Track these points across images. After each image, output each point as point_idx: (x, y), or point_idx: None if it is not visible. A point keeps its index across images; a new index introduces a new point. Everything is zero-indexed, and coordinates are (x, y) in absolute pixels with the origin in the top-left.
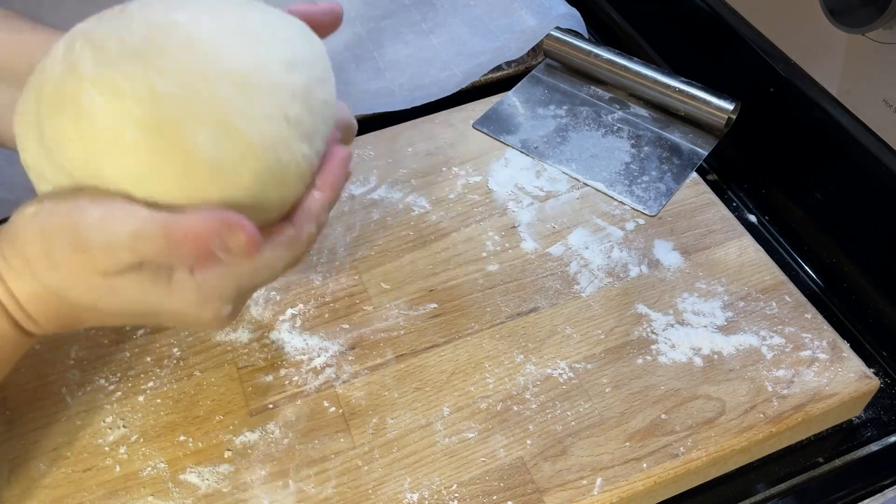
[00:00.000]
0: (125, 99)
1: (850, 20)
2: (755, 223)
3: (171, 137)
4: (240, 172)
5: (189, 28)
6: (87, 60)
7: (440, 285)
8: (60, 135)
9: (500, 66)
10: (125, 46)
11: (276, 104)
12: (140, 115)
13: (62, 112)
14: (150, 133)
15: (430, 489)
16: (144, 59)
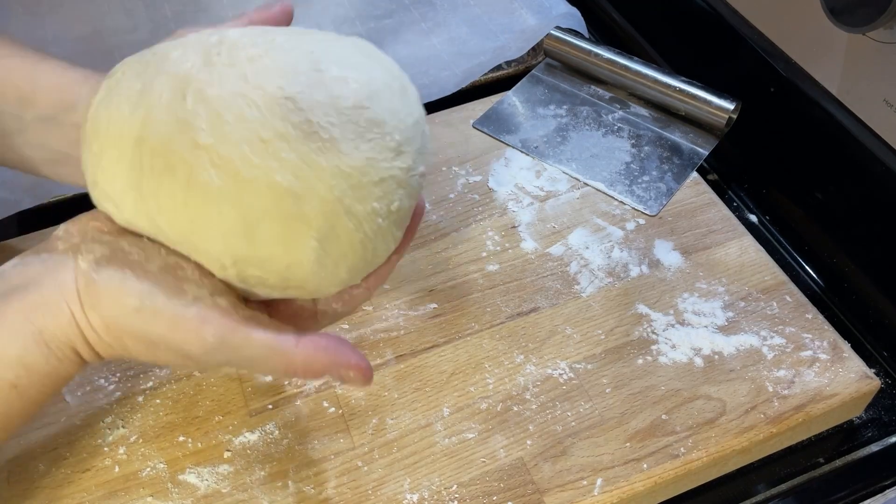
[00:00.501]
0: (242, 185)
1: (851, 20)
2: (756, 223)
3: (280, 230)
4: (338, 268)
5: (307, 110)
6: (202, 125)
7: (440, 285)
8: (167, 197)
9: (500, 65)
10: (246, 124)
11: (383, 199)
12: (253, 204)
13: (173, 175)
14: (258, 225)
15: (430, 490)
16: (265, 145)
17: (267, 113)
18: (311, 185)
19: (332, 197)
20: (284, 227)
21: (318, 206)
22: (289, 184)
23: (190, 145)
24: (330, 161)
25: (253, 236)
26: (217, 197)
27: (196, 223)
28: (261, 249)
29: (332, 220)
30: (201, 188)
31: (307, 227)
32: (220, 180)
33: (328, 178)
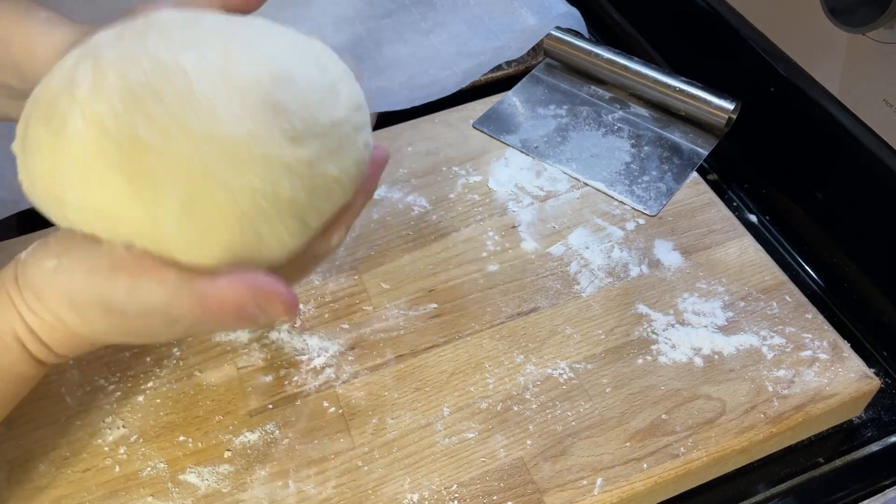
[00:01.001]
0: (105, 136)
1: (851, 20)
2: (756, 223)
3: (140, 187)
4: (209, 241)
5: (192, 77)
6: (85, 83)
7: (440, 285)
8: (36, 144)
9: (500, 65)
10: (125, 82)
11: (266, 181)
12: (114, 157)
13: (47, 124)
14: (119, 176)
15: (430, 489)
16: (137, 102)
17: (150, 78)
18: (176, 146)
19: (199, 160)
20: (142, 183)
21: (181, 166)
22: (153, 140)
23: (69, 99)
24: (203, 125)
25: (111, 190)
26: (79, 147)
27: (56, 171)
28: (121, 207)
29: (197, 183)
30: (66, 138)
31: (168, 186)
32: (86, 129)
33: (197, 140)
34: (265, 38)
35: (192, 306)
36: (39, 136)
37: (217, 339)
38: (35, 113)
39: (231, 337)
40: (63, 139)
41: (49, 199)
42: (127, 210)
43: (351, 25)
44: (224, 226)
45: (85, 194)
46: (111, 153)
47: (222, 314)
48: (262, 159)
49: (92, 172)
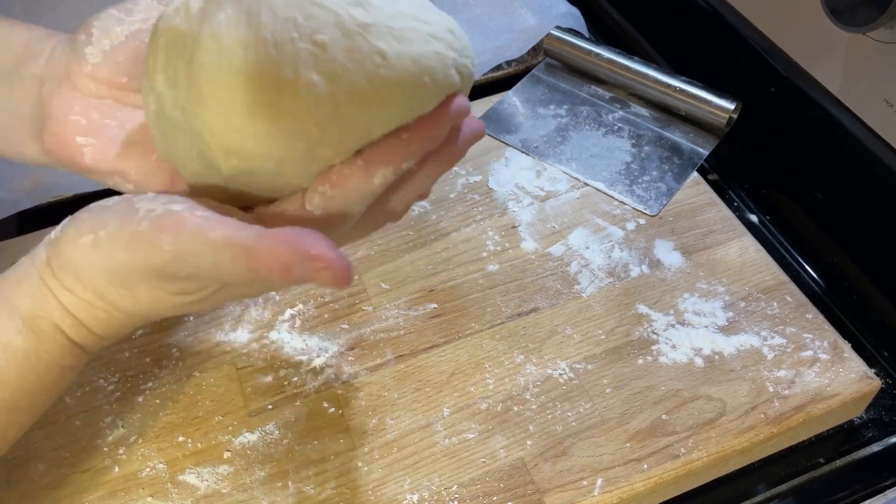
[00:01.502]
0: (231, 46)
1: (851, 19)
2: (756, 223)
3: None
4: (284, 131)
5: None
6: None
7: (440, 285)
8: (174, 74)
9: (500, 65)
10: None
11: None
12: (241, 60)
13: (180, 56)
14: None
15: (430, 490)
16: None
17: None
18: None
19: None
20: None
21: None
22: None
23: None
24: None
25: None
26: (208, 71)
27: (194, 101)
28: (254, 109)
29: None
30: (199, 65)
31: (235, 79)
32: (217, 56)
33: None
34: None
35: (238, 265)
36: (176, 68)
37: (217, 340)
38: (171, 51)
39: (230, 337)
40: (196, 69)
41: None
42: (218, 116)
43: None
44: (302, 109)
45: (220, 111)
46: (238, 58)
47: (269, 274)
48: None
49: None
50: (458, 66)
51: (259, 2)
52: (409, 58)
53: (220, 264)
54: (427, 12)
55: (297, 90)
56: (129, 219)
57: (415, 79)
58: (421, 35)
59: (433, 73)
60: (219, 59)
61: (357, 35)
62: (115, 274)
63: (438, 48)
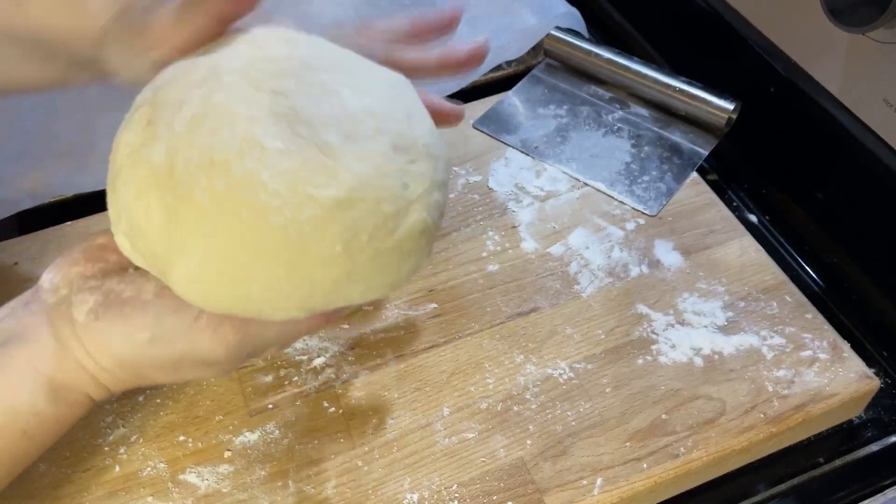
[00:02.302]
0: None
1: (851, 20)
2: (756, 223)
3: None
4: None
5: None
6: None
7: (440, 285)
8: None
9: (500, 65)
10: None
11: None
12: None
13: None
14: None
15: (430, 489)
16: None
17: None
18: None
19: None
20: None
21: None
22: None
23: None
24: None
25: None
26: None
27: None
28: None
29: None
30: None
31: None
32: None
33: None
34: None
35: (292, 335)
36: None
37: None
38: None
39: None
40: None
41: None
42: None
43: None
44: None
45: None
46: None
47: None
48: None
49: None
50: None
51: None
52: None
53: (280, 338)
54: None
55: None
56: (184, 315)
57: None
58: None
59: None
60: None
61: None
62: (171, 364)
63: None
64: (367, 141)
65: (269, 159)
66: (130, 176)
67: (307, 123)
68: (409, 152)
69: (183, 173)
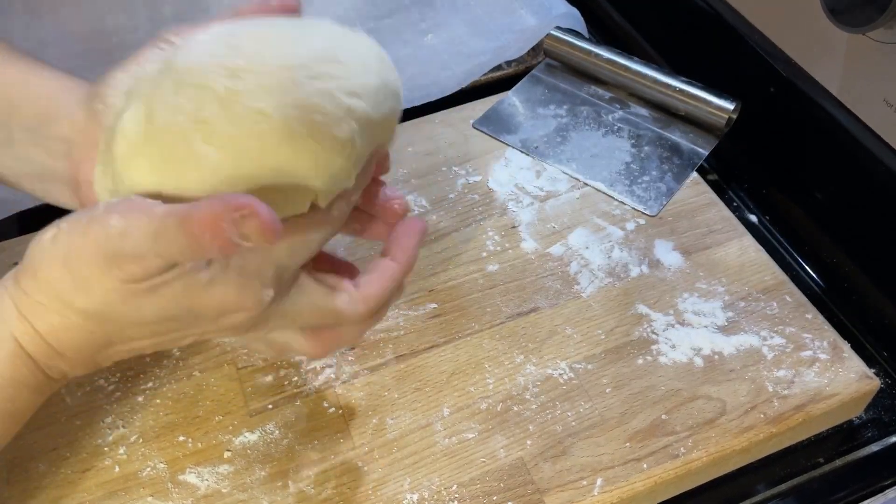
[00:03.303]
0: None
1: (851, 20)
2: (756, 223)
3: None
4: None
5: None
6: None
7: (440, 285)
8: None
9: (500, 65)
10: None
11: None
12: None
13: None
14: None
15: (430, 490)
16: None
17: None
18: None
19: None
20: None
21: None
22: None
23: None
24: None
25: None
26: (119, 160)
27: (118, 182)
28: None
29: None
30: (114, 156)
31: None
32: (125, 148)
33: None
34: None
35: (177, 237)
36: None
37: (217, 339)
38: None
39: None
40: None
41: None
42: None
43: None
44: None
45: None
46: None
47: (204, 238)
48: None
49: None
50: (351, 91)
51: (153, 97)
52: (291, 105)
53: (161, 234)
54: (326, 55)
55: (194, 162)
56: (91, 209)
57: (301, 121)
58: (301, 82)
59: (322, 110)
60: (127, 150)
61: (234, 103)
62: (68, 260)
63: (321, 86)
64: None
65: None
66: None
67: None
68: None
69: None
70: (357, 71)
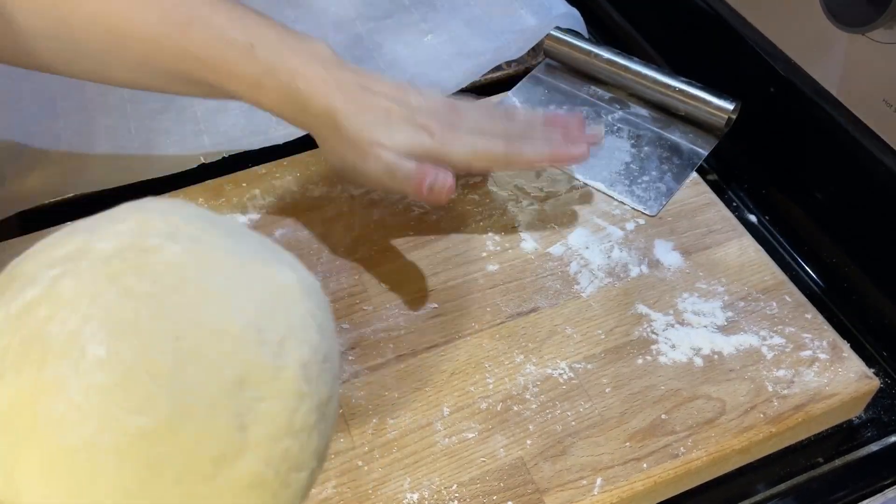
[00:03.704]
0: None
1: (850, 20)
2: (755, 223)
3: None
4: None
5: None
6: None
7: (440, 285)
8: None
9: (500, 66)
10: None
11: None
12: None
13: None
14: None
15: (430, 489)
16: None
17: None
18: None
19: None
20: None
21: None
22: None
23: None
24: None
25: None
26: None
27: None
28: None
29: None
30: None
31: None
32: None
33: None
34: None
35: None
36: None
37: None
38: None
39: None
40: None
41: None
42: None
43: (351, 25)
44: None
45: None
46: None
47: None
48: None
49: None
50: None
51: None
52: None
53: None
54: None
55: None
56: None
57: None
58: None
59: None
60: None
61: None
62: None
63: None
64: (207, 367)
65: (84, 367)
66: None
67: (145, 334)
68: (261, 387)
69: (3, 359)
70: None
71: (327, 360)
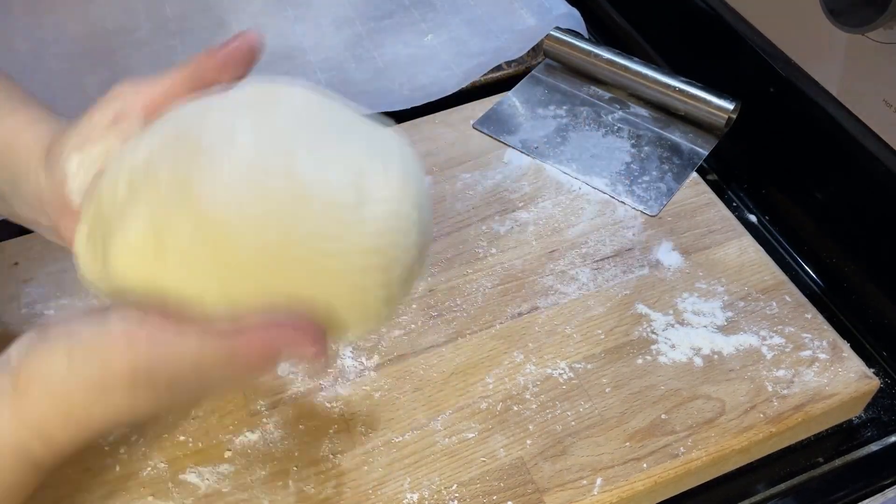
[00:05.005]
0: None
1: (851, 20)
2: (755, 223)
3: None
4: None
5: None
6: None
7: (440, 285)
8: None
9: (500, 66)
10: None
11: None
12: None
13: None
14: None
15: (430, 489)
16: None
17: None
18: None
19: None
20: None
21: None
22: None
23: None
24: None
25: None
26: (116, 267)
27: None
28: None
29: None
30: (113, 256)
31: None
32: (123, 261)
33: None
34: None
35: (221, 365)
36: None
37: None
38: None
39: None
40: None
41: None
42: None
43: (351, 25)
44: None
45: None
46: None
47: (251, 364)
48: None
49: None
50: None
51: (164, 219)
52: (353, 251)
53: (203, 363)
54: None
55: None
56: (102, 328)
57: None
58: (349, 224)
59: (384, 253)
60: (125, 263)
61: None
62: (93, 388)
63: (375, 227)
64: (336, 160)
65: (234, 152)
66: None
67: (286, 132)
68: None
69: (163, 148)
70: (402, 203)
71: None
